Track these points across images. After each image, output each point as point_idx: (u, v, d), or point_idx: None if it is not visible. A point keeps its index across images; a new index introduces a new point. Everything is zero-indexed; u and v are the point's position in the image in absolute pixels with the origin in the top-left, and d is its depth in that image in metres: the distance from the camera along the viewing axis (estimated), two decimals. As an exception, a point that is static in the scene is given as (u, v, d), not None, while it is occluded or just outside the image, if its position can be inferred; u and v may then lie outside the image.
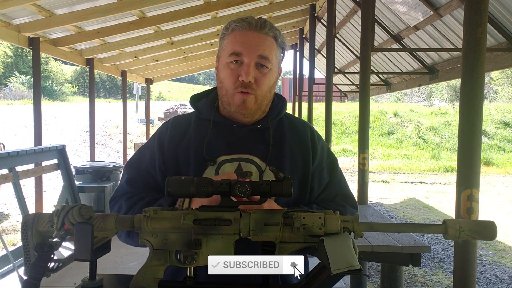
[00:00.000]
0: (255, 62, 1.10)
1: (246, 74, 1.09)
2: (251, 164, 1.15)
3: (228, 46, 1.12)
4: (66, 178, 4.98)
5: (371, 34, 4.65)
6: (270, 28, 1.12)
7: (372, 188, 8.05)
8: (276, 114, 1.22)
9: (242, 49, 1.10)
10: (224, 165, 1.14)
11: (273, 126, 1.20)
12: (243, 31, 1.11)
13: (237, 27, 1.12)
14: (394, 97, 33.59)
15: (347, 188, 1.26)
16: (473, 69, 2.31)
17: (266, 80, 1.13)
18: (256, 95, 1.13)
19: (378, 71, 9.24)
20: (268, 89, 1.15)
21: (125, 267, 4.11)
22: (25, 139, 13.89)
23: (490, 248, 6.03)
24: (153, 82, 10.74)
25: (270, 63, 1.12)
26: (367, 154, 4.70)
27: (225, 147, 1.16)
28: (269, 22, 1.14)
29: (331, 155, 1.27)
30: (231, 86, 1.12)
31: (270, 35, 1.13)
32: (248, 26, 1.11)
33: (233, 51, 1.10)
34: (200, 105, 1.24)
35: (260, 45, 1.11)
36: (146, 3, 4.87)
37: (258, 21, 1.12)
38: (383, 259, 3.10)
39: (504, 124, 19.70)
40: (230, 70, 1.12)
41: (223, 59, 1.15)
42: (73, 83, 44.58)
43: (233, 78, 1.12)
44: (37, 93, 5.15)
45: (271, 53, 1.12)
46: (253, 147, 1.17)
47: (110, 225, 0.90)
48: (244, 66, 1.10)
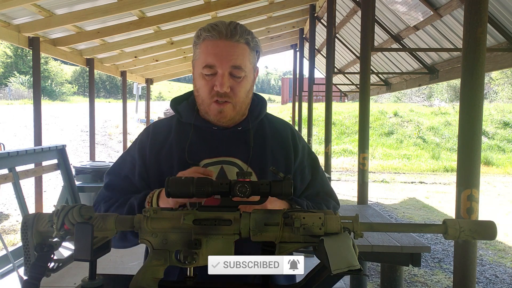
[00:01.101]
0: (228, 72, 1.10)
1: (221, 85, 1.09)
2: (233, 166, 1.15)
3: (201, 57, 1.12)
4: (66, 178, 4.98)
5: (371, 34, 4.65)
6: (241, 34, 1.11)
7: (372, 188, 8.05)
8: (256, 116, 1.23)
9: (215, 61, 1.09)
10: (206, 168, 1.13)
11: (253, 128, 1.21)
12: (214, 41, 1.10)
13: (207, 37, 1.10)
14: (394, 97, 33.60)
15: (329, 186, 1.29)
16: (473, 69, 2.31)
17: (241, 88, 1.13)
18: (234, 102, 1.13)
19: (378, 71, 9.24)
20: (245, 95, 1.16)
21: (125, 267, 4.11)
22: (25, 139, 13.88)
23: (490, 248, 6.03)
24: (153, 82, 10.75)
25: (243, 71, 1.12)
26: (367, 154, 4.70)
27: (207, 151, 1.16)
28: (240, 26, 1.12)
29: (312, 154, 1.29)
30: (207, 95, 1.13)
31: (242, 42, 1.11)
32: (218, 35, 1.09)
33: (206, 63, 1.10)
34: (180, 109, 1.24)
35: (231, 54, 1.10)
36: (146, 3, 4.87)
37: (228, 28, 1.10)
38: (383, 259, 3.10)
39: (504, 124, 19.70)
40: (205, 80, 1.12)
41: (197, 69, 1.14)
42: (73, 83, 44.60)
43: (208, 88, 1.12)
44: (37, 93, 5.15)
45: (244, 60, 1.12)
46: (235, 150, 1.17)
47: (110, 225, 0.90)
48: (218, 77, 1.10)
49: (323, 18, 8.59)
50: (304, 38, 10.23)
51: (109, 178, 1.21)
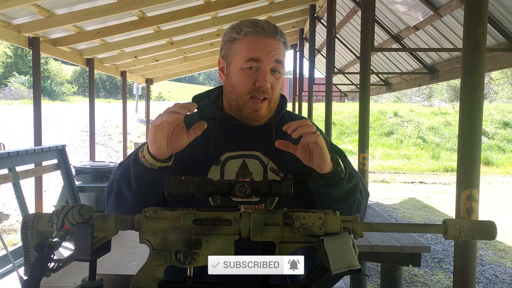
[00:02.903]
0: (271, 67, 1.13)
1: (265, 80, 1.11)
2: (255, 159, 1.17)
3: (243, 51, 1.13)
4: (66, 178, 4.98)
5: (371, 34, 4.64)
6: (281, 34, 1.15)
7: (372, 188, 8.05)
8: (278, 112, 1.25)
9: (260, 55, 1.11)
10: (229, 161, 1.16)
11: (275, 123, 1.24)
12: (258, 37, 1.12)
13: (250, 32, 1.12)
14: (394, 97, 33.59)
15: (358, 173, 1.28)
16: (473, 69, 2.31)
17: (279, 85, 1.17)
18: (270, 99, 1.16)
19: (378, 71, 9.24)
20: (279, 92, 1.20)
21: (125, 267, 4.11)
22: (25, 139, 13.89)
23: (490, 248, 6.03)
24: (153, 82, 10.75)
25: (283, 67, 1.16)
26: (367, 154, 4.70)
27: (229, 144, 1.18)
28: (277, 27, 1.17)
29: (335, 147, 1.31)
30: (245, 91, 1.14)
31: (281, 41, 1.16)
32: (262, 32, 1.12)
33: (251, 56, 1.11)
34: (202, 105, 1.26)
35: (275, 50, 1.13)
36: (146, 3, 4.87)
37: (270, 27, 1.14)
38: (383, 259, 3.11)
39: (504, 124, 19.70)
40: (246, 75, 1.13)
41: (236, 63, 1.15)
42: (73, 83, 44.57)
43: (249, 83, 1.13)
44: (37, 93, 5.15)
45: (284, 57, 1.16)
46: (256, 143, 1.20)
47: (110, 225, 0.90)
48: (261, 72, 1.12)
49: (323, 18, 8.58)
50: (304, 38, 10.22)
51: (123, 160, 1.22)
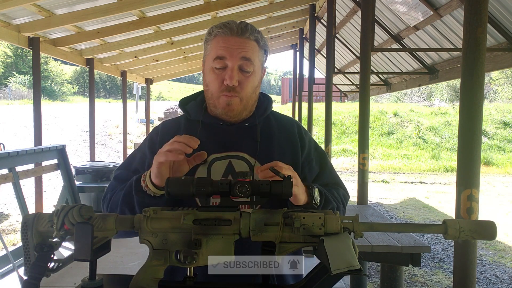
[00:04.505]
0: (238, 65, 1.15)
1: (230, 78, 1.14)
2: (241, 160, 1.19)
3: (212, 51, 1.17)
4: (66, 178, 4.98)
5: (371, 34, 4.65)
6: (251, 32, 1.16)
7: (372, 188, 8.05)
8: (262, 112, 1.27)
9: (225, 53, 1.14)
10: (215, 162, 1.18)
11: (260, 124, 1.25)
12: (225, 37, 1.15)
13: (219, 33, 1.16)
14: (394, 97, 33.59)
15: (338, 177, 1.32)
16: (473, 69, 2.31)
17: (249, 83, 1.18)
18: (241, 97, 1.17)
19: (378, 71, 9.24)
20: (253, 90, 1.20)
21: (125, 267, 4.11)
22: (25, 139, 13.89)
23: (490, 248, 6.03)
24: (153, 82, 10.74)
25: (252, 65, 1.17)
26: (367, 154, 4.70)
27: (215, 146, 1.20)
28: (250, 25, 1.18)
29: (319, 147, 1.33)
30: (216, 89, 1.17)
31: (252, 39, 1.17)
32: (230, 32, 1.15)
33: (217, 55, 1.15)
34: (189, 107, 1.29)
35: (242, 48, 1.15)
36: (146, 3, 4.87)
37: (239, 26, 1.16)
38: (383, 259, 3.10)
39: (504, 124, 19.69)
40: (215, 74, 1.17)
41: (208, 63, 1.20)
42: (73, 83, 44.58)
43: (218, 82, 1.17)
44: (37, 93, 5.15)
45: (253, 55, 1.17)
46: (242, 144, 1.21)
47: (110, 225, 0.90)
48: (228, 70, 1.15)
49: (323, 18, 8.58)
50: (304, 38, 10.22)
51: (119, 172, 1.26)
